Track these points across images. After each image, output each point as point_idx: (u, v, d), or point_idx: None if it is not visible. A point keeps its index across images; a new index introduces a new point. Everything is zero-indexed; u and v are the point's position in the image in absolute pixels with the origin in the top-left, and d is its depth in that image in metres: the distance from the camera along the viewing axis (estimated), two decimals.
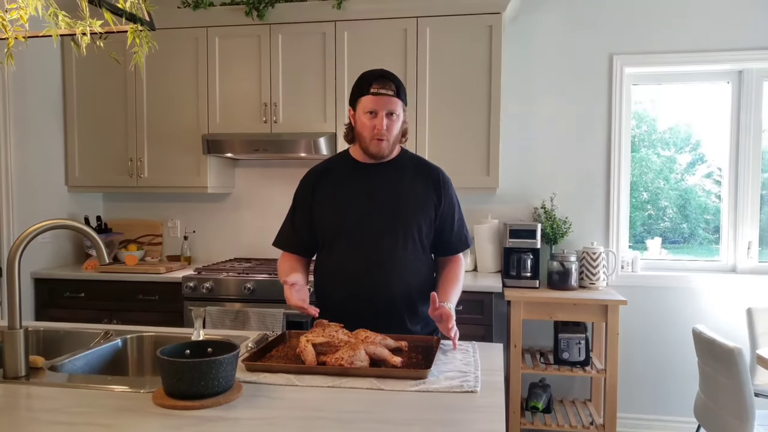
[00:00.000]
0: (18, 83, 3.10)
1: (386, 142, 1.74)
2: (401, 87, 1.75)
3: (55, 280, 3.19)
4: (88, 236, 1.48)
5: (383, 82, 1.71)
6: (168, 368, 1.19)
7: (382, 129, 1.71)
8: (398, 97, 1.72)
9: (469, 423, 1.13)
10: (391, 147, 1.77)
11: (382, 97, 1.70)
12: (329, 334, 1.49)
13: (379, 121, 1.71)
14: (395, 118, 1.73)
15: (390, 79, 1.73)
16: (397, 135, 1.77)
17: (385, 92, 1.70)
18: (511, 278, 3.07)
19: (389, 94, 1.70)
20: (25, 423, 1.14)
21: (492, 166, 3.05)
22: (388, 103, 1.70)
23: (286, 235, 1.93)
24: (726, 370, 2.16)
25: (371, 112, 1.71)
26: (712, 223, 3.44)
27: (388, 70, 1.77)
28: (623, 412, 3.23)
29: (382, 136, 1.72)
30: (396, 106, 1.72)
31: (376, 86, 1.70)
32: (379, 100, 1.70)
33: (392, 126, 1.73)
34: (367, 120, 1.73)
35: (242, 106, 3.25)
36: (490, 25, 3.00)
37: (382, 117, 1.71)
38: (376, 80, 1.71)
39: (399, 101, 1.73)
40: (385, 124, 1.71)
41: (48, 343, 1.83)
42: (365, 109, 1.72)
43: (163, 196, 3.68)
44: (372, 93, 1.70)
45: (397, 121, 1.74)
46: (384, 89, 1.70)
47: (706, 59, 3.18)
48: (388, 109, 1.71)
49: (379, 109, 1.70)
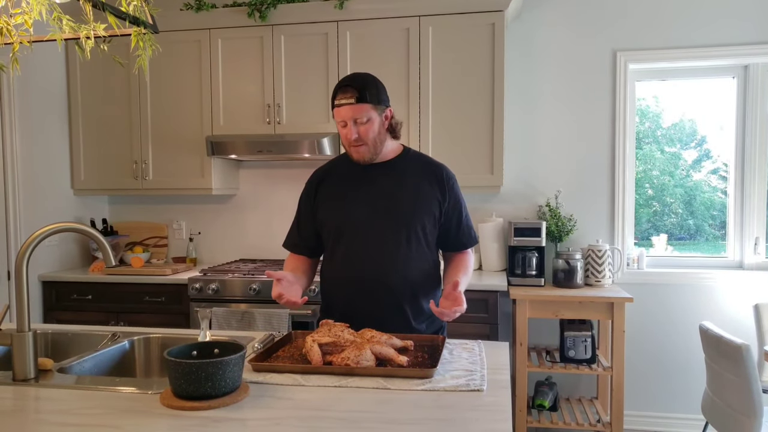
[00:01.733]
0: (23, 87, 3.12)
1: (365, 147, 1.74)
2: (367, 89, 1.71)
3: (62, 282, 3.21)
4: (94, 239, 1.49)
5: (344, 91, 1.71)
6: (175, 369, 1.20)
7: (351, 138, 1.72)
8: (363, 101, 1.70)
9: (476, 422, 1.13)
10: (373, 149, 1.76)
11: (343, 107, 1.71)
12: (335, 334, 1.50)
13: (348, 130, 1.73)
14: (366, 121, 1.72)
15: (352, 86, 1.71)
16: (376, 137, 1.75)
17: (346, 101, 1.70)
18: (516, 277, 3.07)
19: (350, 103, 1.70)
20: (34, 425, 1.15)
21: (496, 165, 3.04)
22: (350, 112, 1.70)
23: (293, 236, 1.94)
24: (733, 366, 2.15)
25: (342, 123, 1.73)
26: (719, 219, 3.42)
27: (359, 74, 1.76)
28: (630, 410, 3.23)
29: (357, 142, 1.73)
30: (360, 112, 1.70)
31: (339, 97, 1.71)
32: (342, 110, 1.71)
33: (365, 131, 1.72)
34: (341, 130, 1.76)
35: (245, 108, 3.26)
36: (493, 23, 3.00)
37: (350, 127, 1.72)
38: (340, 90, 1.72)
39: (364, 105, 1.70)
40: (354, 132, 1.72)
41: (56, 345, 1.84)
42: (337, 120, 1.75)
43: (168, 198, 3.69)
44: (336, 105, 1.72)
45: (370, 125, 1.73)
46: (345, 98, 1.70)
47: (711, 54, 3.16)
48: (353, 116, 1.71)
49: (346, 119, 1.72)
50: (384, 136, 1.78)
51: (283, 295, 1.63)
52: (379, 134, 1.76)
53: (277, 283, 1.66)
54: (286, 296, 1.63)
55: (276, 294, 1.64)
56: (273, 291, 1.65)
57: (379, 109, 1.74)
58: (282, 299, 1.63)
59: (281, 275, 1.67)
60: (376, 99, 1.73)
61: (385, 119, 1.77)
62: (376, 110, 1.73)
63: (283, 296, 1.63)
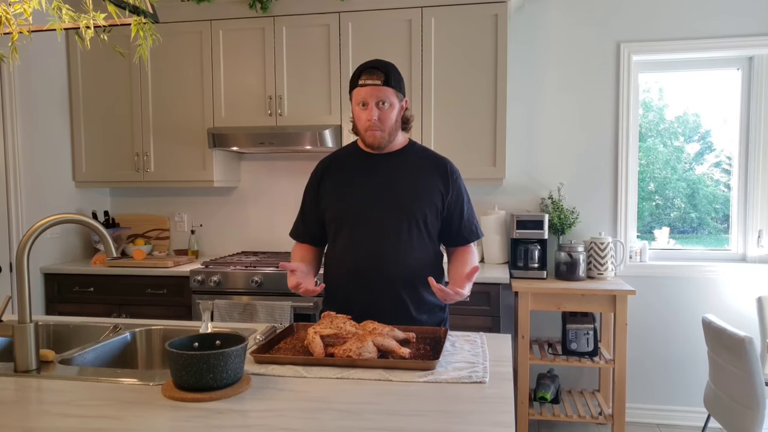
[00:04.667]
0: (23, 79, 3.10)
1: (380, 132, 1.73)
2: (392, 75, 1.72)
3: (64, 275, 3.21)
4: (95, 229, 1.49)
5: (371, 72, 1.70)
6: (177, 361, 1.20)
7: (372, 119, 1.70)
8: (388, 85, 1.70)
9: (478, 413, 1.13)
10: (388, 136, 1.75)
11: (369, 88, 1.69)
12: (337, 326, 1.49)
13: (369, 111, 1.70)
14: (387, 107, 1.71)
15: (379, 69, 1.71)
16: (393, 124, 1.75)
17: (372, 82, 1.69)
18: (519, 269, 3.06)
19: (377, 84, 1.69)
20: (36, 416, 1.15)
21: (498, 157, 3.03)
22: (376, 93, 1.69)
23: (298, 226, 1.95)
24: (736, 359, 2.14)
25: (362, 103, 1.72)
26: (721, 213, 3.41)
27: (382, 60, 1.76)
28: (632, 403, 3.23)
29: (374, 126, 1.72)
30: (386, 95, 1.70)
31: (365, 77, 1.70)
32: (367, 90, 1.69)
33: (385, 115, 1.72)
34: (359, 112, 1.73)
35: (247, 100, 3.25)
36: (496, 14, 2.98)
37: (371, 107, 1.70)
38: (365, 71, 1.71)
39: (389, 90, 1.71)
40: (375, 114, 1.70)
41: (58, 337, 1.84)
42: (357, 101, 1.73)
43: (169, 191, 3.68)
44: (360, 84, 1.70)
45: (390, 110, 1.72)
46: (371, 79, 1.69)
47: (716, 45, 3.13)
48: (377, 98, 1.70)
49: (368, 100, 1.70)
50: (399, 125, 1.79)
51: (301, 284, 1.64)
52: (396, 122, 1.76)
53: (292, 273, 1.68)
54: (303, 285, 1.64)
55: (293, 284, 1.65)
56: (289, 281, 1.67)
57: (399, 96, 1.75)
58: (300, 289, 1.64)
59: (295, 266, 1.69)
60: (399, 86, 1.75)
61: (401, 109, 1.78)
62: (397, 97, 1.74)
63: (301, 285, 1.64)
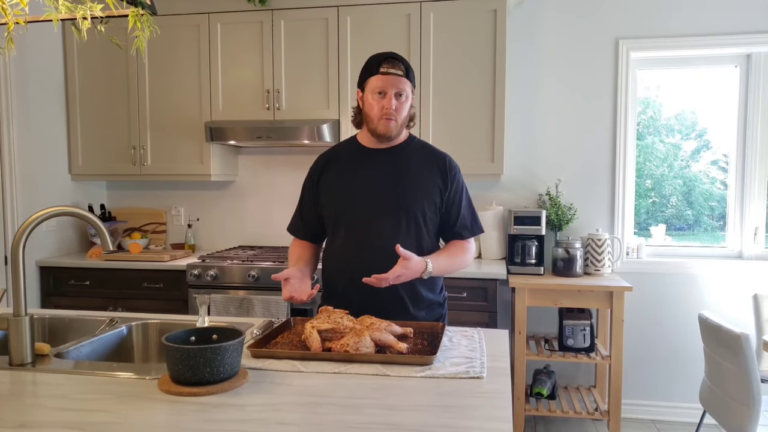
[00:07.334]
0: (20, 71, 3.08)
1: (394, 122, 1.73)
2: (410, 69, 1.75)
3: (59, 268, 3.20)
4: (91, 222, 1.48)
5: (392, 62, 1.71)
6: (173, 354, 1.19)
7: (390, 108, 1.70)
8: (407, 77, 1.72)
9: (476, 408, 1.13)
10: (399, 128, 1.76)
11: (391, 77, 1.69)
12: (334, 321, 1.49)
13: (388, 100, 1.70)
14: (404, 99, 1.73)
15: (399, 60, 1.73)
16: (405, 117, 1.76)
17: (395, 72, 1.69)
18: (516, 265, 3.07)
19: (399, 74, 1.70)
20: (31, 409, 1.14)
21: (497, 153, 3.02)
22: (397, 83, 1.70)
23: (296, 221, 1.94)
24: (732, 356, 2.15)
25: (380, 92, 1.71)
26: (717, 210, 3.41)
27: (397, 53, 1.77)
28: (628, 399, 3.24)
29: (391, 115, 1.71)
30: (405, 87, 1.72)
31: (386, 66, 1.70)
32: (388, 79, 1.69)
33: (401, 107, 1.73)
34: (375, 100, 1.72)
35: (245, 93, 3.23)
36: (494, 9, 2.97)
37: (390, 96, 1.70)
38: (386, 60, 1.71)
39: (408, 82, 1.73)
40: (393, 104, 1.70)
41: (54, 330, 1.83)
42: (374, 89, 1.71)
43: (166, 184, 3.67)
44: (381, 72, 1.69)
45: (405, 103, 1.74)
46: (393, 69, 1.70)
47: (714, 42, 3.13)
48: (397, 88, 1.70)
49: (388, 89, 1.70)
50: (407, 119, 1.79)
51: (294, 297, 1.65)
52: (407, 116, 1.77)
53: (286, 283, 1.67)
54: (297, 297, 1.64)
55: (287, 296, 1.66)
56: (283, 293, 1.67)
57: (413, 91, 1.78)
58: (294, 301, 1.65)
59: (288, 275, 1.68)
60: (414, 81, 1.77)
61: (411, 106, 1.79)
62: (412, 92, 1.76)
63: (294, 298, 1.65)
